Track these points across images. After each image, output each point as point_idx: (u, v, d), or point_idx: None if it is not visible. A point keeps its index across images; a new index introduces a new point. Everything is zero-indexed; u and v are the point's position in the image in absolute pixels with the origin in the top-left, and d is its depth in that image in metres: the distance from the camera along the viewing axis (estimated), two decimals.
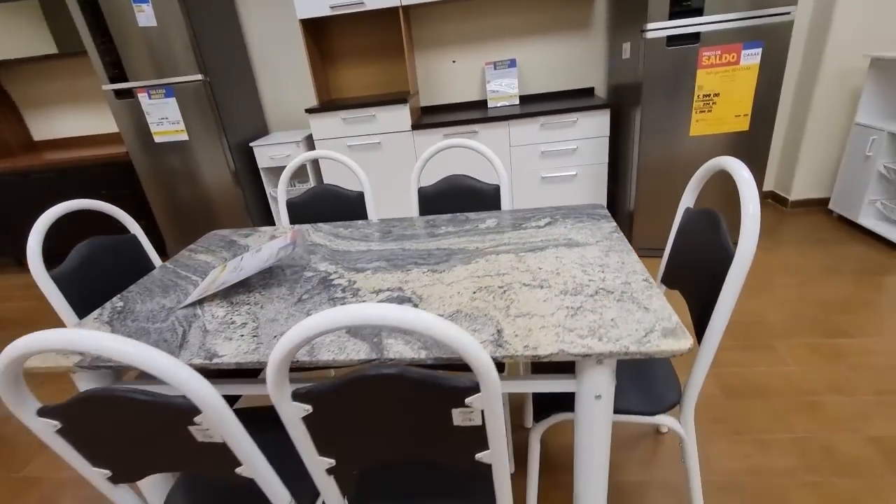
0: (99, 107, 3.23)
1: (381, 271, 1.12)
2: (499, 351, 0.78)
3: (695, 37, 2.04)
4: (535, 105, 2.72)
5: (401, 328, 0.55)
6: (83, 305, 1.20)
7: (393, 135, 2.62)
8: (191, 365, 0.86)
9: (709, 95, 2.12)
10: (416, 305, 0.94)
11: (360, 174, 1.51)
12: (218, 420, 0.64)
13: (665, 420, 1.02)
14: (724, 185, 2.32)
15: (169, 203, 2.78)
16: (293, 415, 0.66)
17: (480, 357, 0.58)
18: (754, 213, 0.83)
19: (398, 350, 0.81)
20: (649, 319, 0.82)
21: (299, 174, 3.08)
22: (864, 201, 2.43)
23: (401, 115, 2.56)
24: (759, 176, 2.29)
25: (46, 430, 0.69)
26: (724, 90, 2.11)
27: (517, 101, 2.84)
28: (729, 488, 1.26)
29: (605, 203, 2.72)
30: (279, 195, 1.56)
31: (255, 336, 0.91)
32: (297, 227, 1.47)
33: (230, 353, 0.86)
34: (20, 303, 2.86)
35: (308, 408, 0.65)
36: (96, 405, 0.65)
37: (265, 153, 2.77)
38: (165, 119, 2.51)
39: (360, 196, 1.56)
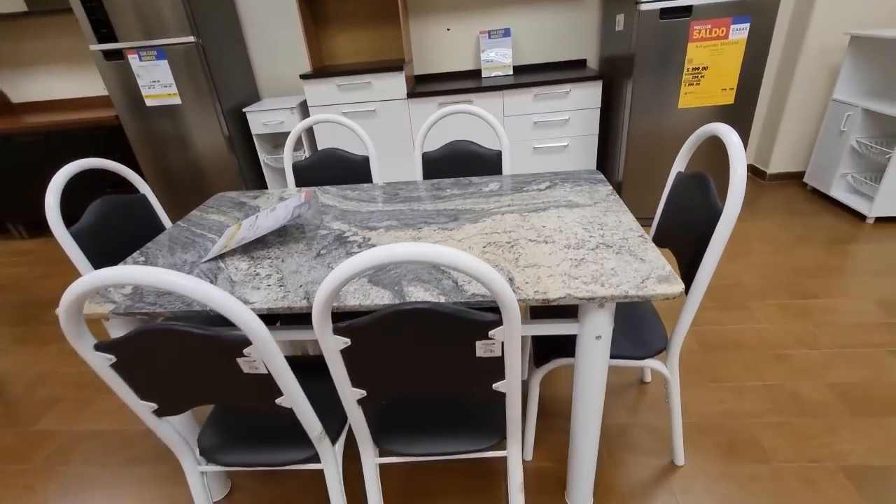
0: (84, 68, 3.12)
1: (394, 229, 1.18)
2: None
3: (687, 10, 2.10)
4: (528, 76, 2.75)
5: (437, 263, 0.62)
6: (104, 263, 1.23)
7: (388, 102, 2.63)
8: None
9: (698, 69, 2.19)
10: None
11: (365, 138, 1.55)
12: (265, 351, 0.71)
13: (652, 364, 1.13)
14: (709, 155, 2.42)
15: (161, 168, 2.75)
16: (333, 347, 0.73)
17: (506, 290, 0.66)
18: (742, 174, 0.91)
19: (418, 296, 0.89)
20: (645, 269, 0.91)
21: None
22: (836, 175, 2.57)
23: (396, 83, 2.57)
24: None
25: (101, 364, 0.75)
26: (712, 64, 2.18)
27: (511, 72, 2.86)
28: (705, 429, 1.40)
29: None
30: (286, 158, 1.59)
31: (281, 286, 0.97)
32: (308, 188, 1.52)
33: (260, 300, 0.93)
34: (6, 269, 2.83)
35: (347, 341, 0.73)
36: (151, 340, 0.72)
37: (258, 119, 2.75)
38: (157, 82, 2.46)
39: (364, 160, 1.61)
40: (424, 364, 0.78)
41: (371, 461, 0.96)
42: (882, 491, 1.19)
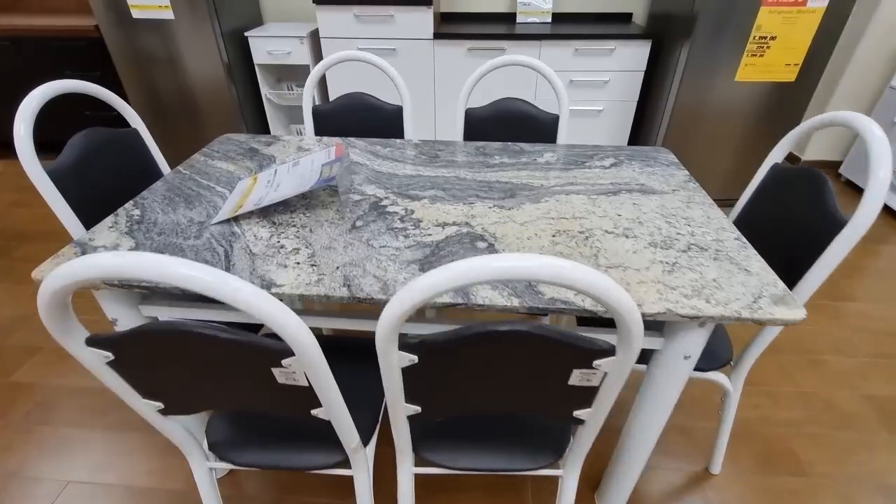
0: None
1: (440, 201, 1.00)
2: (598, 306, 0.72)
3: None
4: (567, 26, 2.46)
5: (555, 283, 0.46)
6: (86, 209, 1.03)
7: (411, 42, 2.34)
8: None
9: (765, 38, 1.96)
10: (491, 245, 0.85)
11: (401, 85, 1.33)
12: (311, 365, 0.56)
13: (716, 377, 1.02)
14: (728, 142, 2.24)
15: (148, 94, 2.44)
16: (394, 363, 0.58)
17: (638, 327, 0.50)
18: (884, 178, 0.76)
19: (486, 296, 0.73)
20: (754, 283, 0.76)
21: (297, 77, 2.76)
22: None
23: (423, 20, 2.27)
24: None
25: (95, 362, 0.59)
26: (781, 34, 1.95)
27: (549, 19, 2.56)
28: (741, 436, 1.33)
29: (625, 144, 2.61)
30: (306, 100, 1.36)
31: (313, 265, 0.80)
32: (337, 140, 1.30)
33: (290, 283, 0.76)
34: None
35: (413, 358, 0.58)
36: (160, 340, 0.55)
37: (262, 46, 2.43)
38: None
39: (397, 111, 1.39)
40: (499, 386, 0.64)
41: (408, 470, 0.84)
42: None
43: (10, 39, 2.43)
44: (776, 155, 1.03)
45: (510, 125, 1.36)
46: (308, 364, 0.56)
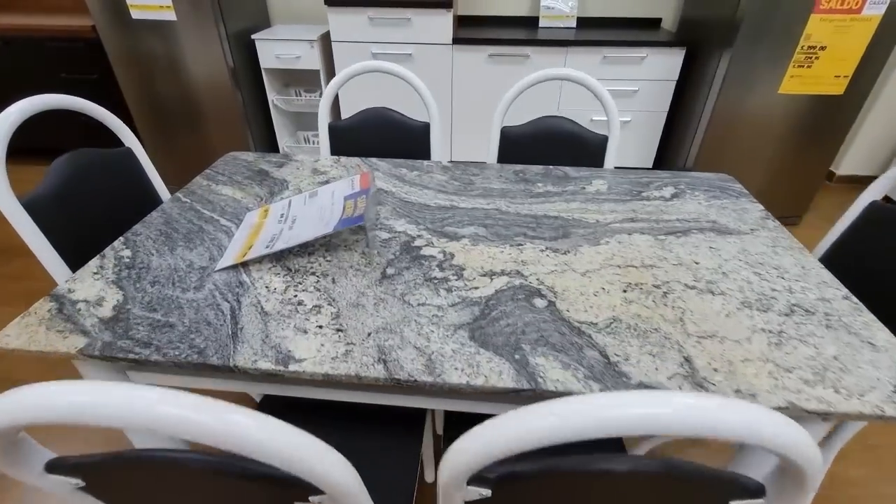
0: None
1: (483, 242, 0.86)
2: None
3: None
4: (592, 31, 2.32)
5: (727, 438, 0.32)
6: (71, 245, 0.89)
7: (428, 47, 2.19)
8: (256, 370, 0.62)
9: (814, 48, 1.82)
10: (552, 304, 0.71)
11: (428, 99, 1.18)
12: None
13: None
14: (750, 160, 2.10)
15: (148, 99, 2.30)
16: (458, 500, 0.44)
17: (816, 475, 0.36)
18: None
19: (555, 376, 0.59)
20: (884, 362, 0.62)
21: (305, 82, 2.61)
22: None
23: (441, 24, 2.12)
24: (831, 152, 2.08)
25: (61, 488, 0.44)
26: (832, 43, 1.80)
27: (573, 24, 2.42)
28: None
29: (653, 158, 2.47)
30: (322, 116, 1.22)
31: (339, 330, 0.65)
32: (358, 162, 1.16)
33: (311, 356, 0.61)
34: None
35: (486, 493, 0.43)
36: (144, 471, 0.41)
37: (270, 50, 2.28)
38: None
39: (423, 128, 1.24)
40: None
41: None
42: None
43: (3, 40, 2.29)
44: (875, 190, 0.89)
45: (549, 144, 1.22)
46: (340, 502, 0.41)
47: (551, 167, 1.15)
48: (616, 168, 1.16)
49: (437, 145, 1.23)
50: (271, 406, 0.86)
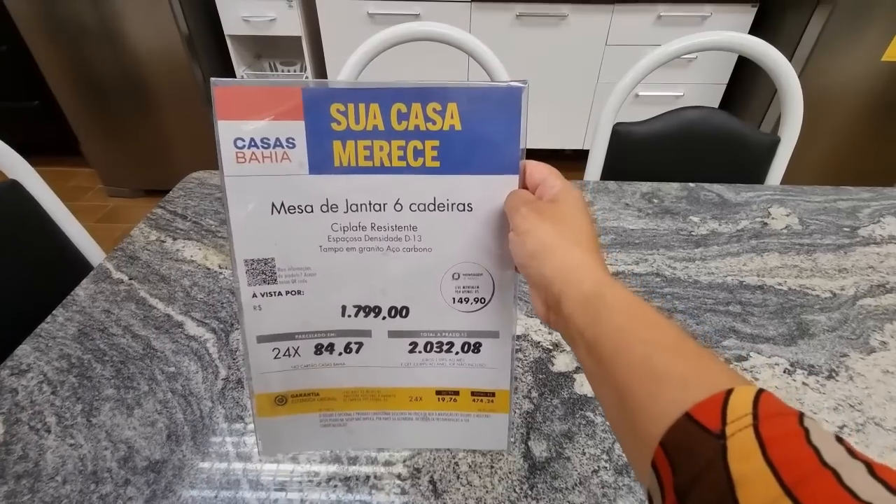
0: None
1: None
2: None
3: None
4: None
5: None
6: None
7: (440, 5, 1.73)
8: None
9: None
10: None
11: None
12: None
13: None
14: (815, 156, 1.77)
15: (78, 80, 1.76)
16: None
17: None
18: None
19: None
20: None
21: (283, 52, 2.11)
22: None
23: None
24: None
25: None
26: None
27: None
28: None
29: None
30: None
31: None
32: None
33: None
34: None
35: None
36: None
37: (234, 11, 1.77)
38: None
39: None
40: None
41: None
42: None
43: None
44: None
45: (687, 148, 0.82)
46: None
47: (691, 185, 0.76)
48: (782, 185, 0.79)
49: None
50: None
